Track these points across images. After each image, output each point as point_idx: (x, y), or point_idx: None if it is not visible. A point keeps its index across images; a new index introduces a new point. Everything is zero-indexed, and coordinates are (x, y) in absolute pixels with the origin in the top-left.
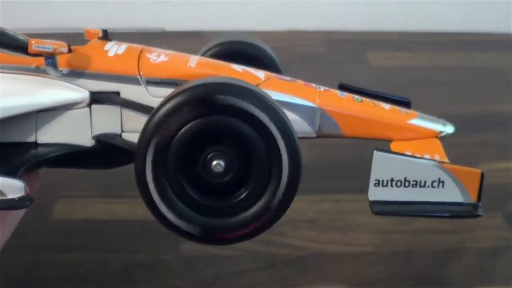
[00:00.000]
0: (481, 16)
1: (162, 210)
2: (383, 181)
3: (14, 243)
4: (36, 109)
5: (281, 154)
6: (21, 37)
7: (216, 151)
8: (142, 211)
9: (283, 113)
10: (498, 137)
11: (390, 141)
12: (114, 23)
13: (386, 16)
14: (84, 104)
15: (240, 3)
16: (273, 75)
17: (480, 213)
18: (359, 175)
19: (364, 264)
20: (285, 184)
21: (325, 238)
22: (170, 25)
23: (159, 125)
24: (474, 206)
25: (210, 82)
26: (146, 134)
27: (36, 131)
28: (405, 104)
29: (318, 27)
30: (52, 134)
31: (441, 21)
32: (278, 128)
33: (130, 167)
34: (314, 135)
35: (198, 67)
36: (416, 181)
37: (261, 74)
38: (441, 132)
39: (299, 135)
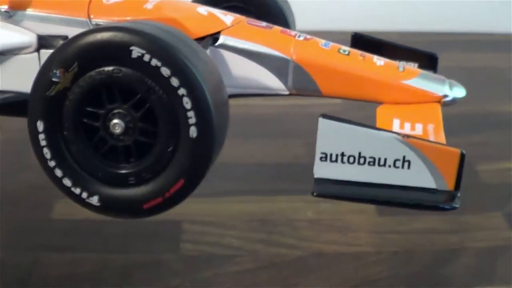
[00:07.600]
0: (481, 16)
1: (57, 174)
2: (331, 155)
3: (14, 243)
4: None
5: (186, 111)
6: None
7: (115, 109)
8: None
9: (193, 65)
10: (498, 137)
11: (380, 103)
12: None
13: (386, 16)
14: (32, 49)
15: None
16: (245, 20)
17: (456, 205)
18: None
19: (364, 264)
20: (195, 144)
21: (325, 238)
22: None
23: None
24: (450, 195)
25: (105, 28)
26: (38, 84)
27: None
28: (431, 59)
29: (318, 27)
30: None
31: (441, 21)
32: (182, 81)
33: None
34: (287, 92)
35: (155, 9)
36: (374, 158)
37: (228, 18)
38: (446, 95)
39: (268, 91)
